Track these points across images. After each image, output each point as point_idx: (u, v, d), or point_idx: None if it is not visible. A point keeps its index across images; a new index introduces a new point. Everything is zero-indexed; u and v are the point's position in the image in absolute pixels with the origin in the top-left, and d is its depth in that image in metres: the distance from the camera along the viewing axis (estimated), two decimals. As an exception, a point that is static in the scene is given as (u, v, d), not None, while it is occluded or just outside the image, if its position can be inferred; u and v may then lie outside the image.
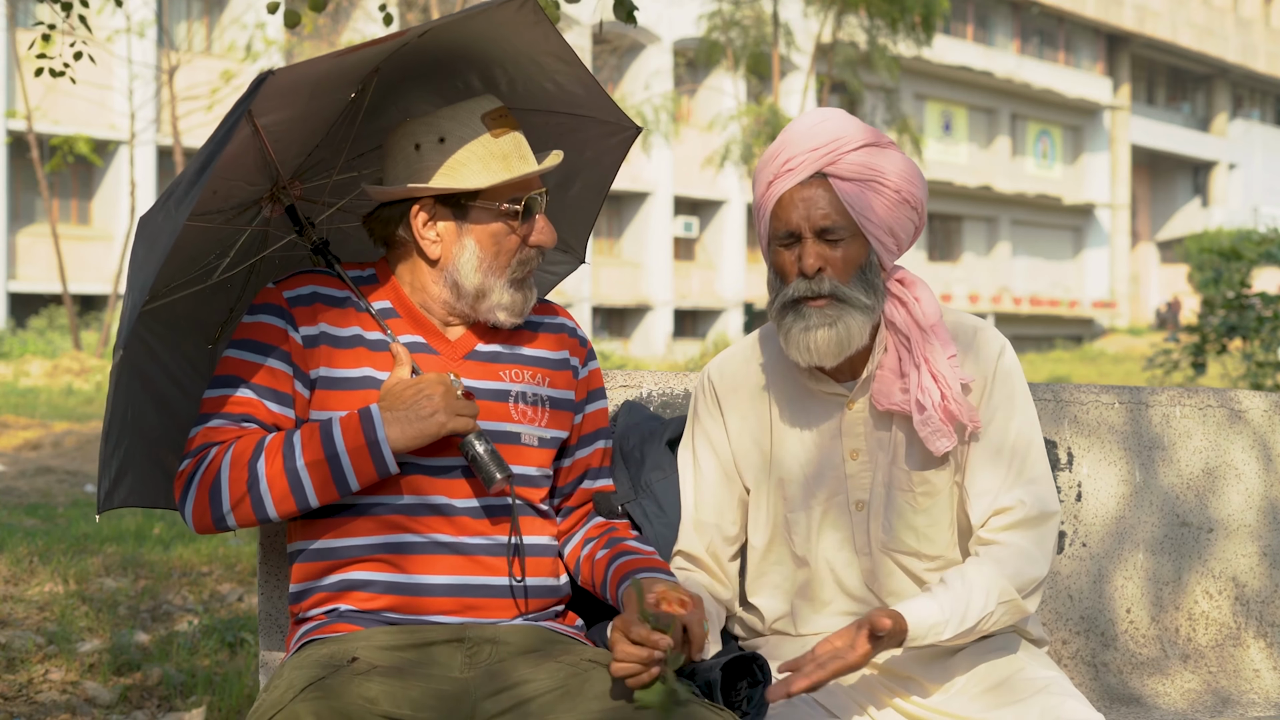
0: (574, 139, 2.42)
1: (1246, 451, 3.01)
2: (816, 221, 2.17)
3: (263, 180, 2.22)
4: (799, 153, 2.19)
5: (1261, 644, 2.96)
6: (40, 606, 4.71)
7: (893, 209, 2.19)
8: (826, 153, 2.18)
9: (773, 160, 2.22)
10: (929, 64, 36.17)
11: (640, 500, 2.37)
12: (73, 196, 25.43)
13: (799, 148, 2.19)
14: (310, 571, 2.15)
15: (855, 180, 2.17)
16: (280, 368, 2.13)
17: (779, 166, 2.20)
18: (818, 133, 2.20)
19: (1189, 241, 32.87)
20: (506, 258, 2.16)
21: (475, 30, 2.17)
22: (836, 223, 2.17)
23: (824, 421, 2.29)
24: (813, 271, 2.16)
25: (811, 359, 2.19)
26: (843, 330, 2.17)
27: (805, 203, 2.18)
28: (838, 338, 2.17)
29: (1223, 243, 12.28)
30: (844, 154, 2.18)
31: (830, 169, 2.18)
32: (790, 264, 2.20)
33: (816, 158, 2.18)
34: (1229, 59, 48.46)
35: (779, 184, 2.20)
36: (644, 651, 1.91)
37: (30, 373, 16.78)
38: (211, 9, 26.87)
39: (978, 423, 2.22)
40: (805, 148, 2.19)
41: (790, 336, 2.19)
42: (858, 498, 2.27)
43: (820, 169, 2.18)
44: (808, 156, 2.18)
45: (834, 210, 2.17)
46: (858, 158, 2.18)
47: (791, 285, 2.19)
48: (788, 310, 2.20)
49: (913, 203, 2.21)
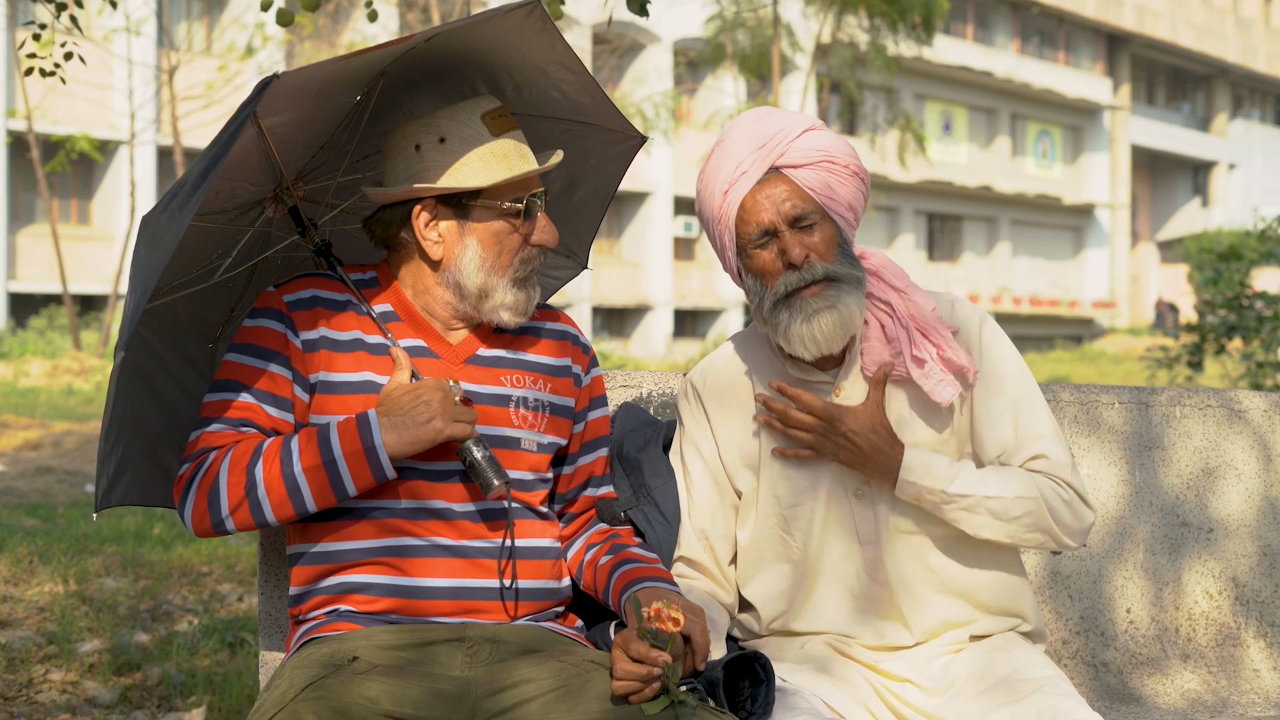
0: (579, 146, 2.43)
1: (1246, 451, 3.01)
2: (787, 213, 2.19)
3: (266, 181, 2.22)
4: (746, 154, 2.21)
5: (1261, 644, 2.96)
6: (40, 607, 4.71)
7: (847, 184, 2.22)
8: (774, 147, 2.20)
9: (720, 169, 2.23)
10: (929, 64, 36.16)
11: (641, 506, 2.37)
12: (73, 196, 25.43)
13: (744, 151, 2.21)
14: (310, 574, 2.15)
15: (809, 165, 2.20)
16: (280, 372, 2.13)
17: (731, 173, 2.21)
18: (757, 131, 2.22)
19: (1189, 241, 32.86)
20: (509, 257, 2.16)
21: (482, 36, 2.17)
22: (805, 209, 2.20)
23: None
24: (801, 260, 2.18)
25: (818, 348, 2.20)
26: (844, 310, 2.19)
27: (770, 199, 2.20)
28: (841, 319, 2.19)
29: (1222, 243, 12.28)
30: (790, 143, 2.20)
31: (781, 161, 2.20)
32: (771, 262, 2.21)
33: (765, 154, 2.20)
34: (1229, 59, 48.46)
35: (736, 190, 2.21)
36: (643, 669, 1.92)
37: (30, 373, 16.78)
38: (211, 9, 26.87)
39: (975, 365, 2.26)
40: (752, 148, 2.21)
41: (790, 333, 2.19)
42: (856, 486, 2.27)
43: (772, 164, 2.20)
44: (756, 155, 2.20)
45: (799, 198, 2.20)
46: (804, 142, 2.21)
47: (780, 280, 2.20)
48: (780, 308, 2.20)
49: (861, 175, 2.25)
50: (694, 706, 1.93)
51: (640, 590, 2.13)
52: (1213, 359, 10.39)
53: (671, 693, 1.92)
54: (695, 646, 2.00)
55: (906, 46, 25.05)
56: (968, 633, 2.28)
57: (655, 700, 1.93)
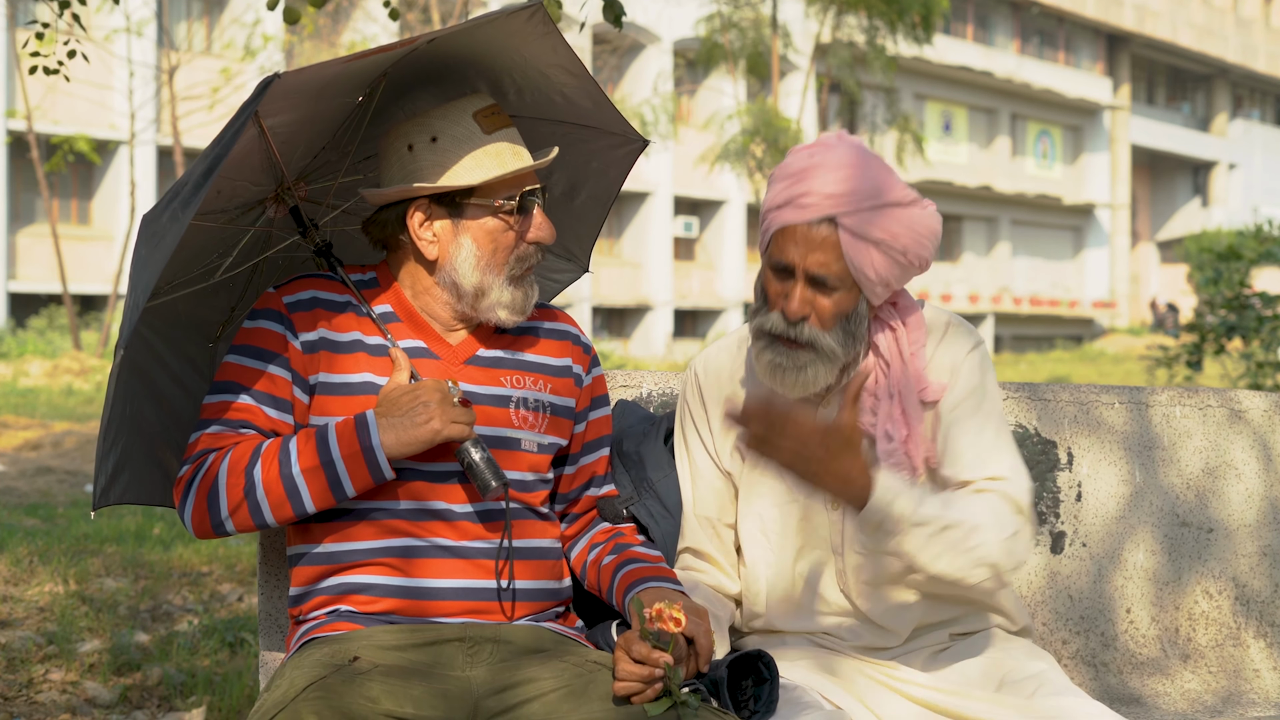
0: (581, 150, 2.43)
1: (1246, 451, 3.01)
2: (812, 268, 2.12)
3: (268, 181, 2.22)
4: (816, 190, 2.11)
5: (1261, 644, 2.96)
6: (40, 607, 4.71)
7: (892, 266, 2.14)
8: (842, 202, 2.10)
9: (793, 184, 2.14)
10: (929, 64, 36.17)
11: (644, 501, 2.38)
12: (73, 196, 25.43)
13: (819, 185, 2.11)
14: (310, 575, 2.15)
15: (865, 240, 2.11)
16: (279, 374, 2.13)
17: (794, 196, 2.13)
18: (843, 176, 2.11)
19: (1189, 241, 32.87)
20: (504, 254, 2.16)
21: (485, 39, 2.17)
22: (832, 273, 2.12)
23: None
24: (795, 318, 2.14)
25: (773, 388, 2.20)
26: (809, 377, 2.16)
27: (806, 243, 2.11)
28: (801, 383, 2.17)
29: (1222, 243, 12.28)
30: (860, 210, 2.10)
31: (843, 220, 2.10)
32: (776, 294, 2.17)
33: (831, 203, 2.10)
34: (1229, 59, 48.46)
35: (787, 213, 2.13)
36: (645, 670, 1.92)
37: (30, 373, 16.77)
38: (211, 9, 26.87)
39: (935, 458, 2.20)
40: (824, 191, 2.10)
41: (760, 362, 2.20)
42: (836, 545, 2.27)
43: (831, 214, 2.11)
44: (823, 201, 2.10)
45: (832, 259, 2.11)
46: (873, 216, 2.11)
47: (771, 317, 2.17)
48: (762, 335, 2.20)
49: (917, 263, 2.16)
50: (696, 707, 1.93)
51: (643, 591, 2.13)
52: (1212, 359, 10.38)
53: (674, 694, 1.92)
54: (699, 648, 2.00)
55: (906, 46, 25.06)
56: (948, 632, 2.29)
57: (658, 701, 1.93)
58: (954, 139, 40.70)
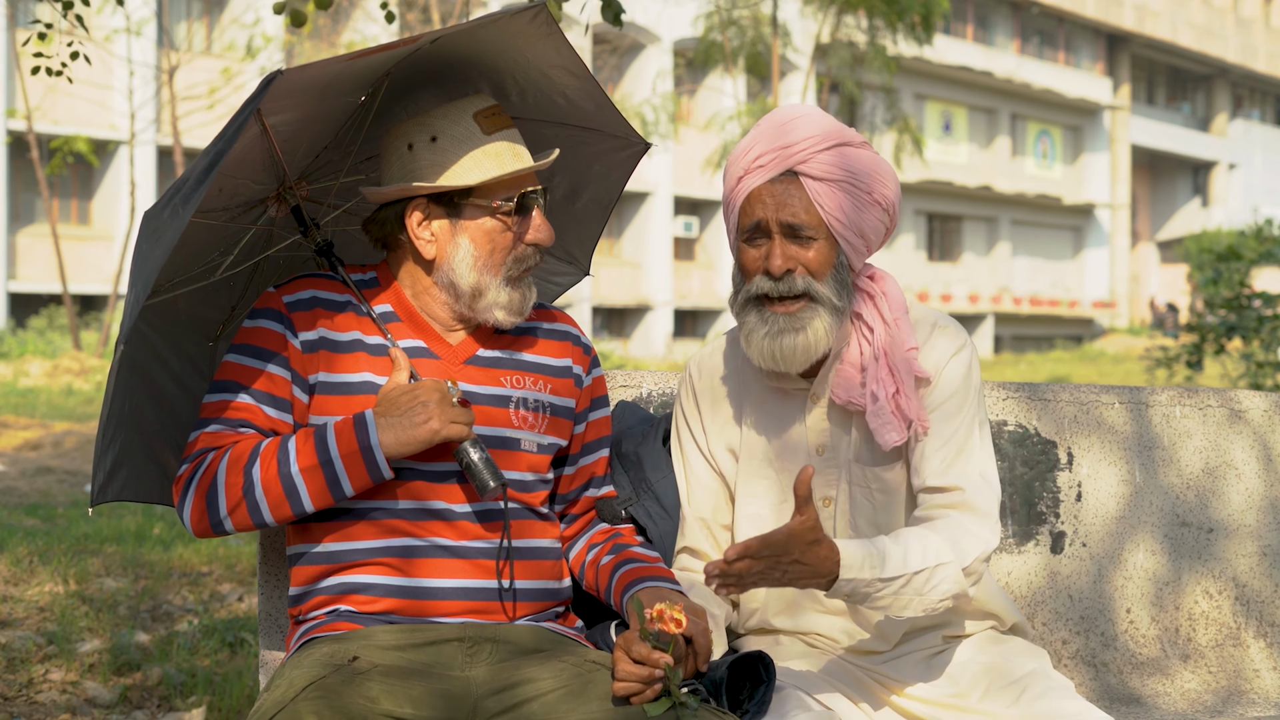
0: (582, 152, 2.43)
1: (1246, 451, 3.01)
2: (784, 218, 2.13)
3: (269, 179, 2.22)
4: (770, 149, 2.15)
5: (1261, 644, 2.96)
6: (40, 607, 4.71)
7: (863, 210, 2.16)
8: (798, 150, 2.13)
9: (743, 156, 2.18)
10: (929, 64, 36.15)
11: (643, 501, 2.38)
12: (73, 196, 25.43)
13: (770, 144, 2.15)
14: (310, 574, 2.15)
15: (826, 180, 2.13)
16: (279, 373, 2.13)
17: (749, 162, 2.16)
18: (790, 129, 2.15)
19: (1189, 241, 32.86)
20: (502, 255, 2.16)
21: (488, 39, 2.17)
22: (805, 222, 2.14)
23: (791, 418, 2.28)
24: (780, 272, 2.13)
25: (775, 365, 2.17)
26: (811, 334, 2.14)
27: (774, 198, 2.14)
28: (805, 344, 2.14)
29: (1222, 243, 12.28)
30: (816, 152, 2.14)
31: (801, 167, 2.14)
32: (754, 261, 2.16)
33: (787, 155, 2.14)
34: (1229, 59, 48.45)
35: (749, 179, 2.16)
36: (644, 670, 1.92)
37: (30, 373, 16.77)
38: (211, 9, 26.86)
39: (925, 422, 2.18)
40: (776, 144, 2.15)
41: (752, 340, 2.17)
42: (825, 494, 2.26)
43: (791, 166, 2.14)
44: (779, 154, 2.14)
45: (803, 209, 2.14)
46: (829, 157, 2.14)
47: (754, 282, 2.16)
48: (750, 308, 2.17)
49: (884, 204, 2.18)
50: (695, 708, 1.93)
51: (642, 591, 2.13)
52: (1212, 359, 10.39)
53: (673, 694, 1.92)
54: (698, 648, 2.00)
55: (906, 46, 25.05)
56: (940, 634, 2.29)
57: (657, 701, 1.93)
58: (954, 139, 40.69)
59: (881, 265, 2.39)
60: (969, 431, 2.20)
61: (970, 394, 2.22)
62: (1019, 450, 2.84)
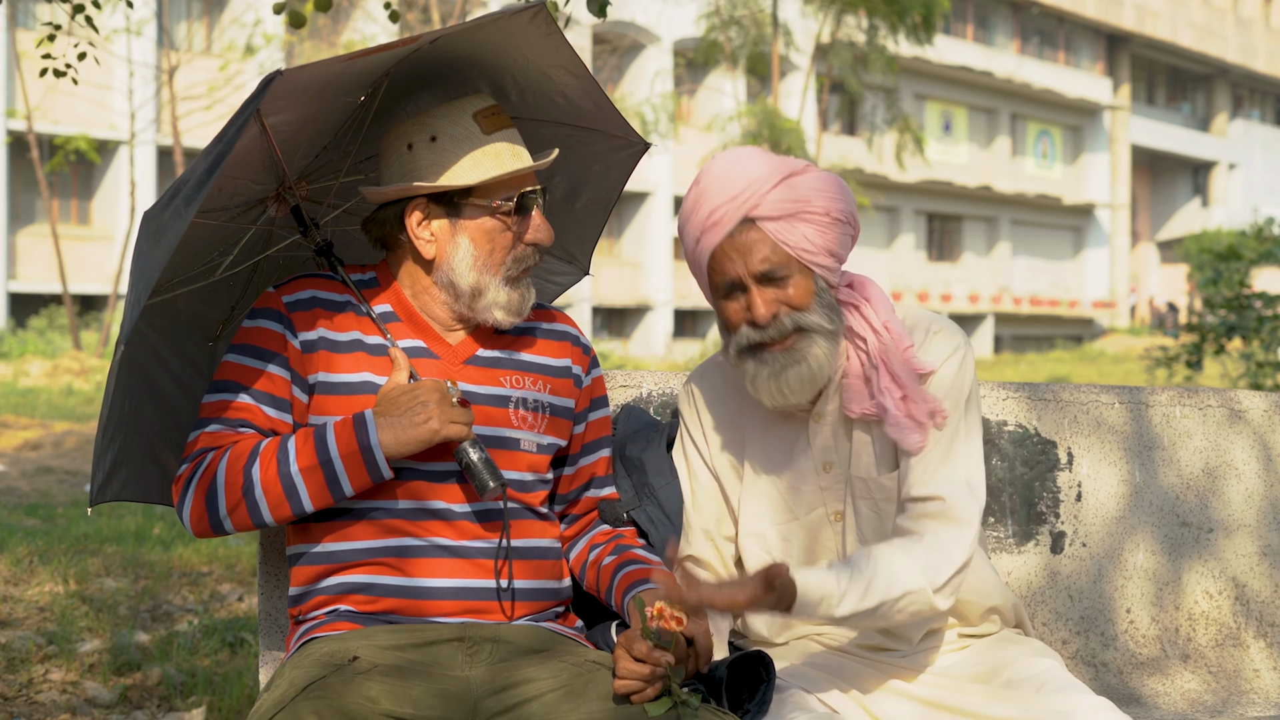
0: (582, 152, 2.43)
1: (1246, 451, 3.01)
2: (756, 268, 2.13)
3: (269, 179, 2.22)
4: (718, 204, 2.14)
5: (1261, 644, 2.96)
6: (40, 607, 4.71)
7: (826, 232, 2.15)
8: (745, 199, 2.12)
9: (694, 215, 2.17)
10: (929, 64, 36.17)
11: (645, 506, 2.38)
12: (73, 196, 25.43)
13: (717, 199, 2.14)
14: (310, 575, 2.15)
15: (783, 217, 2.12)
16: (278, 373, 2.13)
17: (703, 221, 2.15)
18: (731, 179, 2.14)
19: (1189, 241, 32.88)
20: (501, 254, 2.16)
21: (487, 39, 2.17)
22: (776, 265, 2.13)
23: (794, 436, 2.28)
24: (766, 320, 2.13)
25: (785, 400, 2.18)
26: (813, 362, 2.15)
27: (739, 252, 2.13)
28: (809, 373, 2.15)
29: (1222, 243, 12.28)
30: (765, 194, 2.13)
31: (755, 213, 2.12)
32: (737, 314, 2.16)
33: (736, 206, 2.12)
34: (1229, 59, 48.45)
35: (707, 238, 2.15)
36: (645, 669, 1.92)
37: (30, 373, 16.78)
38: (211, 9, 26.86)
39: (942, 411, 2.17)
40: (723, 198, 2.13)
41: (757, 383, 2.17)
42: (834, 509, 2.27)
43: (745, 215, 2.12)
44: (728, 208, 2.13)
45: (769, 251, 2.13)
46: (778, 194, 2.13)
47: (741, 333, 2.16)
48: (746, 356, 2.18)
49: (843, 218, 2.17)
50: (696, 707, 1.93)
51: (644, 591, 2.13)
52: (1212, 359, 10.39)
53: (674, 693, 1.92)
54: (699, 648, 2.00)
55: (906, 46, 25.07)
56: (956, 632, 2.29)
57: (658, 701, 1.93)
58: (954, 139, 40.69)
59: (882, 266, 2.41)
60: (954, 437, 2.19)
61: (960, 399, 2.21)
62: (1019, 450, 2.84)
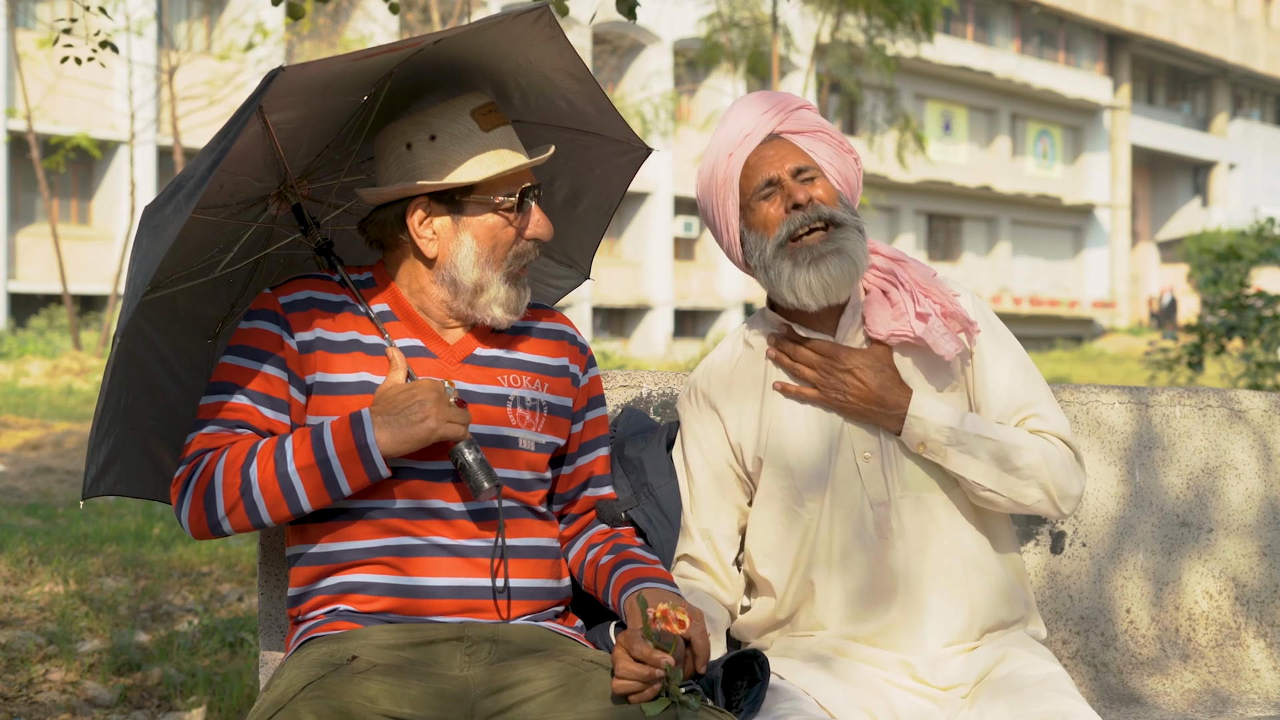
0: (584, 156, 2.43)
1: (1246, 451, 3.01)
2: (791, 165, 2.28)
3: (270, 177, 2.22)
4: (750, 120, 2.31)
5: (1261, 644, 2.96)
6: (40, 606, 4.71)
7: (843, 158, 2.32)
8: (776, 113, 2.31)
9: (724, 138, 2.32)
10: (929, 64, 36.16)
11: (643, 506, 2.37)
12: (73, 196, 25.43)
13: (749, 117, 2.31)
14: (309, 575, 2.15)
15: (806, 132, 2.31)
16: (275, 374, 2.13)
17: (735, 137, 2.30)
18: (760, 101, 2.33)
19: (1189, 241, 32.87)
20: (503, 251, 2.17)
21: (491, 41, 2.17)
22: (807, 163, 2.29)
23: (820, 412, 2.30)
24: (805, 201, 2.25)
25: (825, 294, 2.24)
26: (850, 253, 2.25)
27: (775, 152, 2.29)
28: (849, 262, 2.25)
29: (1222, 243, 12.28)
30: (790, 112, 2.32)
31: (781, 127, 2.31)
32: (774, 210, 2.28)
33: (768, 119, 2.31)
34: (1229, 59, 48.45)
35: (740, 150, 2.30)
36: (645, 669, 1.92)
37: (30, 373, 16.77)
38: (211, 9, 26.86)
39: (976, 325, 2.31)
40: (755, 114, 2.31)
41: (796, 282, 2.25)
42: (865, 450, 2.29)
43: (773, 130, 2.31)
44: (760, 120, 2.31)
45: (800, 158, 2.29)
46: (802, 114, 2.33)
47: (783, 224, 2.26)
48: (782, 256, 2.26)
49: (855, 155, 2.34)
50: (695, 708, 1.93)
51: (643, 590, 2.13)
52: (1213, 359, 10.38)
53: (673, 694, 1.92)
54: (696, 649, 2.00)
55: (906, 46, 25.05)
56: (957, 634, 2.28)
57: (656, 701, 1.93)
58: (954, 139, 40.69)
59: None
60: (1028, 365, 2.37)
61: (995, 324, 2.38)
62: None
